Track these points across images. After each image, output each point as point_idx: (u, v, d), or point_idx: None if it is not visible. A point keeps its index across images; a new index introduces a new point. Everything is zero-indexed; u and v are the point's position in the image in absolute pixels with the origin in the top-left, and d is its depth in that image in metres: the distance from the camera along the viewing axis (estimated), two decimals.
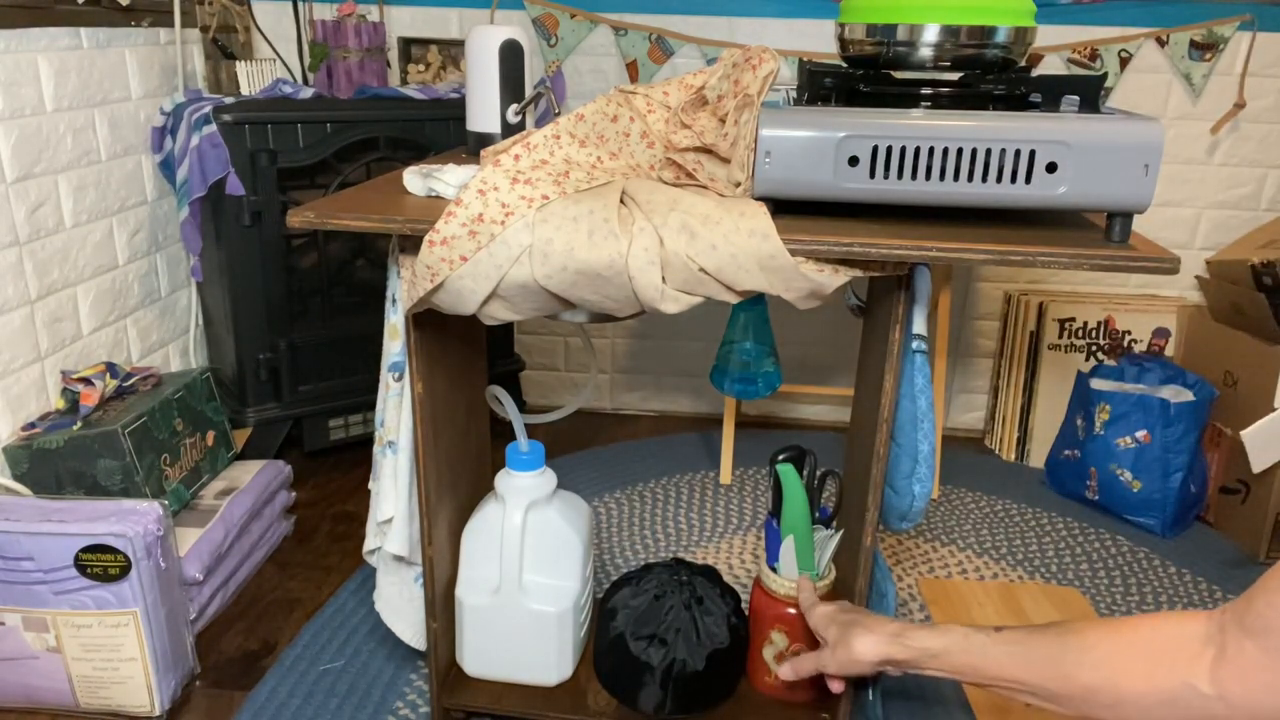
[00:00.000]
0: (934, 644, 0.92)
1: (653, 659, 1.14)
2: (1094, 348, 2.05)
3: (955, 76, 0.98)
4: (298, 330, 1.84)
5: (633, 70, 2.01)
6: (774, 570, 1.17)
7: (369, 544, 1.19)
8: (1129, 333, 2.04)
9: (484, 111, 1.16)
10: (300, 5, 2.01)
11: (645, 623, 1.16)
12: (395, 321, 1.07)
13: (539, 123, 1.19)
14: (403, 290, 0.97)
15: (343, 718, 1.27)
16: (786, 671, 1.06)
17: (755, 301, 1.75)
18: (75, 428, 1.38)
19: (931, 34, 0.93)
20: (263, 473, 1.63)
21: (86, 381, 1.47)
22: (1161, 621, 0.76)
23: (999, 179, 0.85)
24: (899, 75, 1.00)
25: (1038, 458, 2.07)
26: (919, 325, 0.97)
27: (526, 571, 1.16)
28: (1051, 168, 0.84)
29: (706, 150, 0.94)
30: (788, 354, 2.21)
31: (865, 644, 0.96)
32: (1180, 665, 0.71)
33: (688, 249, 0.86)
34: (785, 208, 0.90)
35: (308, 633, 1.43)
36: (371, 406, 1.92)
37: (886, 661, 0.96)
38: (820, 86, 0.94)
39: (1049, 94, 0.94)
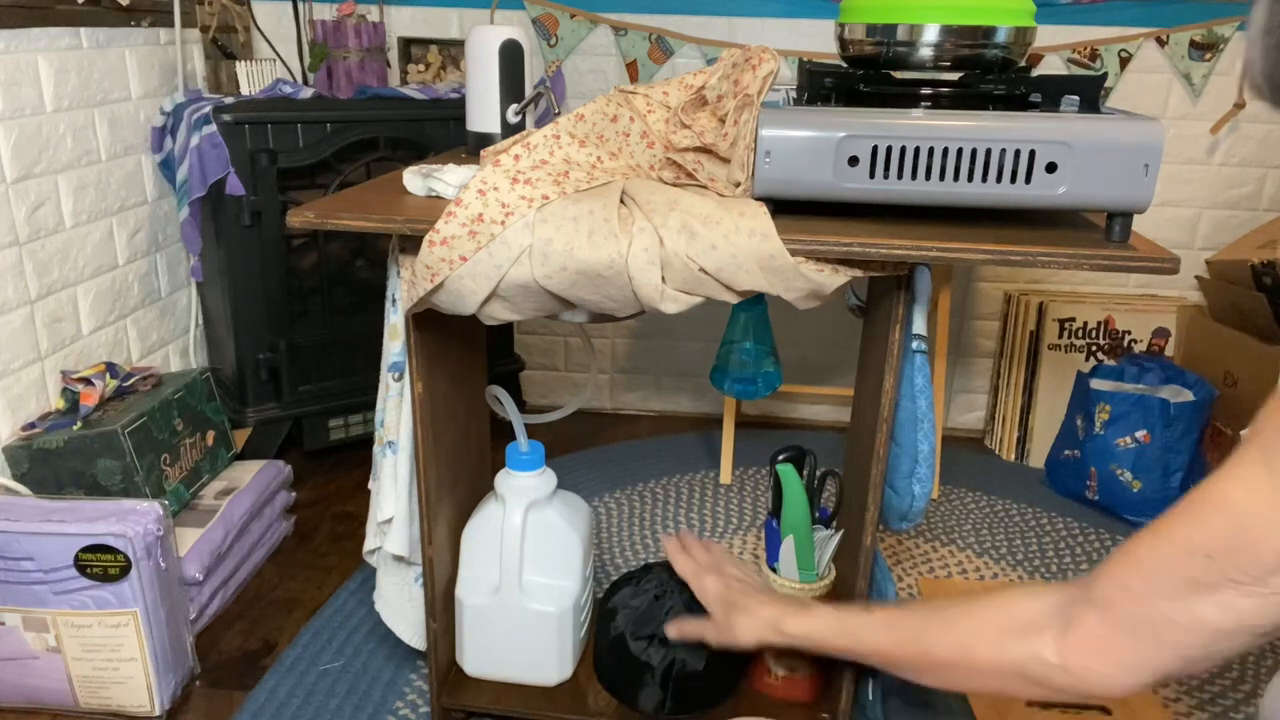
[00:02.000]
0: (808, 629, 0.96)
1: (653, 659, 1.14)
2: (1094, 348, 2.05)
3: (955, 76, 0.98)
4: (298, 330, 1.84)
5: (633, 70, 2.01)
6: (774, 570, 1.17)
7: (369, 544, 1.19)
8: (1129, 333, 2.04)
9: (484, 111, 1.16)
10: (300, 5, 2.01)
11: (645, 623, 1.16)
12: (395, 321, 1.07)
13: (539, 123, 1.19)
14: (403, 290, 0.97)
15: (343, 718, 1.27)
16: (672, 630, 1.11)
17: (755, 301, 1.75)
18: (75, 428, 1.38)
19: (931, 34, 0.93)
20: (263, 473, 1.63)
21: (86, 381, 1.47)
22: (1018, 595, 0.79)
23: (999, 179, 0.85)
24: (899, 75, 1.00)
25: (1038, 458, 2.07)
26: (919, 325, 0.97)
27: (526, 571, 1.16)
28: (1051, 168, 0.84)
29: (706, 150, 0.94)
30: (788, 354, 2.21)
31: (744, 629, 1.01)
32: (1030, 637, 0.74)
33: (688, 249, 0.86)
34: (785, 208, 0.90)
35: (308, 633, 1.43)
36: (371, 406, 1.92)
37: (764, 646, 1.01)
38: (820, 86, 0.94)
39: (1049, 94, 0.94)
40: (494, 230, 0.87)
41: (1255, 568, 0.60)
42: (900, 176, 0.86)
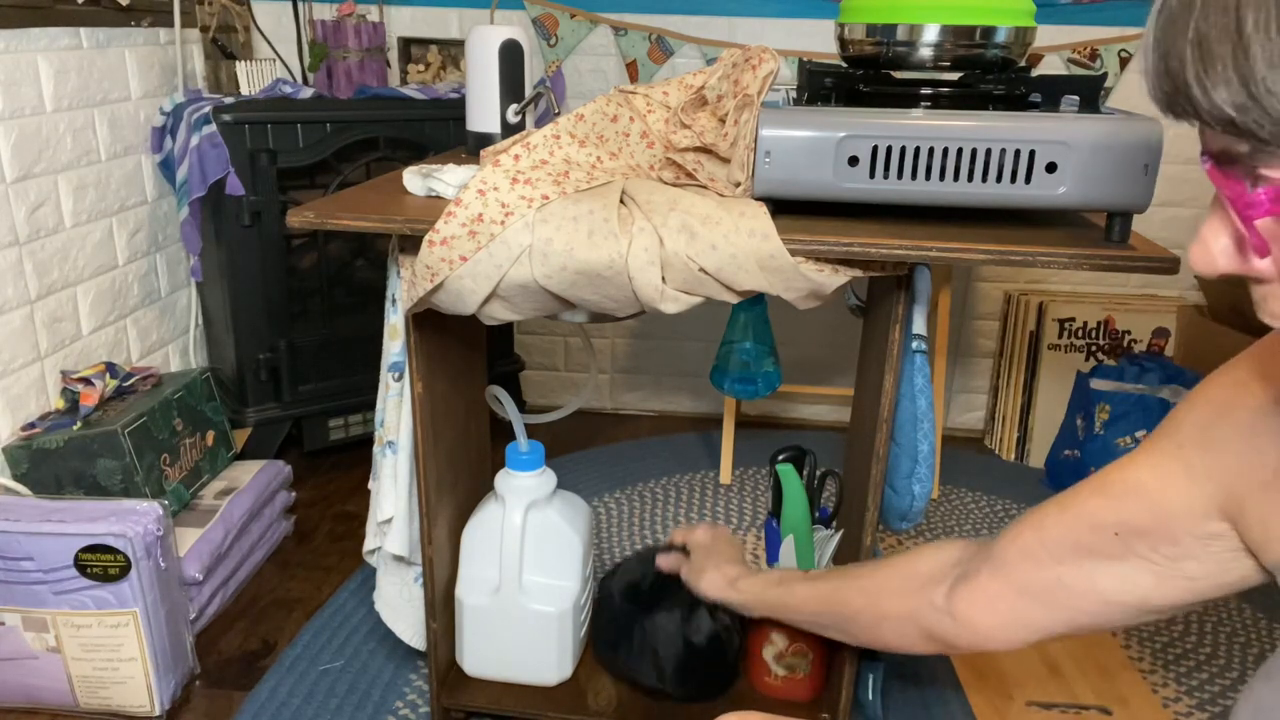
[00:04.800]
0: (754, 587, 1.02)
1: (653, 634, 1.13)
2: (1094, 348, 2.05)
3: (955, 76, 0.98)
4: (298, 330, 1.84)
5: (633, 70, 2.01)
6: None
7: (369, 544, 1.19)
8: (1129, 333, 2.04)
9: (484, 111, 1.16)
10: (300, 5, 2.01)
11: (649, 601, 1.15)
12: (395, 321, 1.07)
13: (539, 123, 1.19)
14: (403, 290, 0.97)
15: (343, 718, 1.27)
16: (661, 560, 1.16)
17: (755, 301, 1.75)
18: (75, 428, 1.38)
19: (931, 34, 0.93)
20: (263, 473, 1.63)
21: (86, 381, 1.47)
22: (926, 550, 0.83)
23: (999, 179, 0.85)
24: (899, 75, 1.00)
25: (1038, 458, 2.07)
26: (919, 325, 0.97)
27: (526, 571, 1.16)
28: (1051, 168, 0.84)
29: (706, 150, 0.94)
30: (788, 354, 2.21)
31: (708, 582, 1.08)
32: (928, 586, 0.79)
33: (688, 249, 0.86)
34: (785, 208, 0.90)
35: (308, 633, 1.43)
36: (371, 406, 1.92)
37: (723, 601, 1.07)
38: (820, 86, 0.94)
39: (1049, 94, 0.94)
40: (494, 230, 0.87)
41: (1169, 549, 0.63)
42: (900, 176, 0.86)
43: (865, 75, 0.97)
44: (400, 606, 1.22)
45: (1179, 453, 0.62)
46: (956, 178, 0.85)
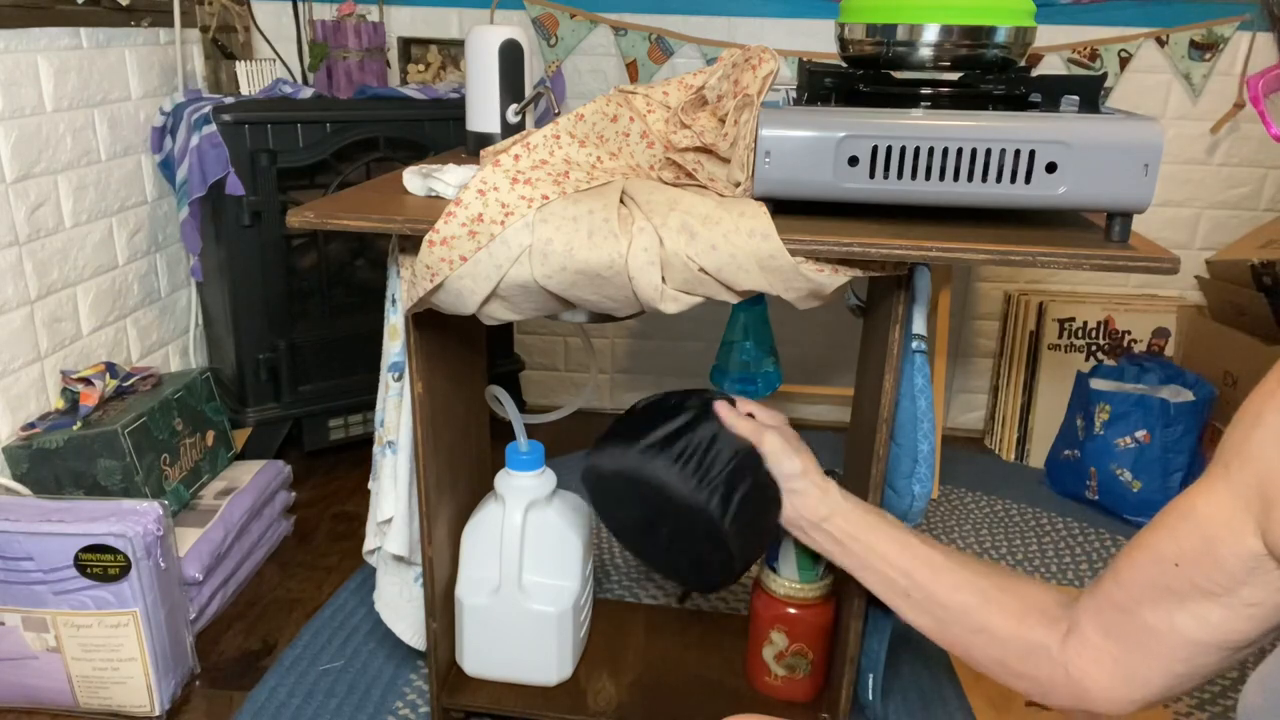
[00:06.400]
0: (849, 523, 0.93)
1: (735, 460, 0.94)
2: (1094, 348, 2.05)
3: (955, 76, 0.98)
4: (298, 330, 1.84)
5: (633, 70, 2.01)
6: (774, 570, 1.17)
7: (369, 544, 1.19)
8: (1129, 333, 2.04)
9: (484, 111, 1.16)
10: (300, 5, 2.01)
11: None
12: (395, 321, 1.07)
13: (539, 123, 1.19)
14: (402, 290, 0.97)
15: (343, 718, 1.27)
16: (722, 409, 0.98)
17: (755, 301, 1.75)
18: (75, 428, 1.38)
19: (931, 34, 0.93)
20: (263, 473, 1.63)
21: (86, 381, 1.47)
22: (1040, 583, 0.81)
23: (999, 179, 0.85)
24: (899, 75, 1.00)
25: (1038, 458, 2.07)
26: (919, 325, 0.97)
27: (526, 571, 1.16)
28: (1051, 168, 0.84)
29: (706, 150, 0.94)
30: (788, 354, 2.21)
31: (807, 467, 0.95)
32: (1042, 626, 0.76)
33: (687, 249, 0.86)
34: (785, 208, 0.90)
35: (307, 633, 1.43)
36: (371, 406, 1.92)
37: (816, 491, 0.94)
38: (820, 86, 0.94)
39: (1049, 94, 0.94)
40: (494, 230, 0.88)
41: (1222, 576, 0.61)
42: (900, 176, 0.86)
43: (865, 75, 0.97)
44: (400, 606, 1.22)
45: (1224, 472, 0.61)
46: (956, 178, 0.85)
